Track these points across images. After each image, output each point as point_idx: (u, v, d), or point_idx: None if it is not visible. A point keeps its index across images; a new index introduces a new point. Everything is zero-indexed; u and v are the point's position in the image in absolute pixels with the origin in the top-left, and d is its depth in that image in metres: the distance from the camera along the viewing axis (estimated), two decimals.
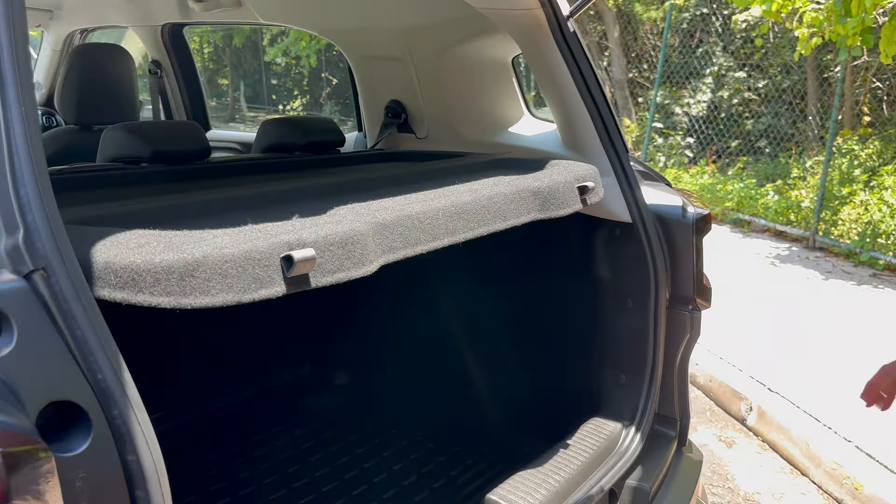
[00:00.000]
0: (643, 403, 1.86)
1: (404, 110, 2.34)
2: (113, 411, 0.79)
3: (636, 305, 1.86)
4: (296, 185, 1.44)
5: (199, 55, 17.39)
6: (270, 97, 18.34)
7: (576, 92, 1.83)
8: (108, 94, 2.63)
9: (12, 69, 0.81)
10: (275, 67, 16.83)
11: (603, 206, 1.86)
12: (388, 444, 2.20)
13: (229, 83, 18.59)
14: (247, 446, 2.17)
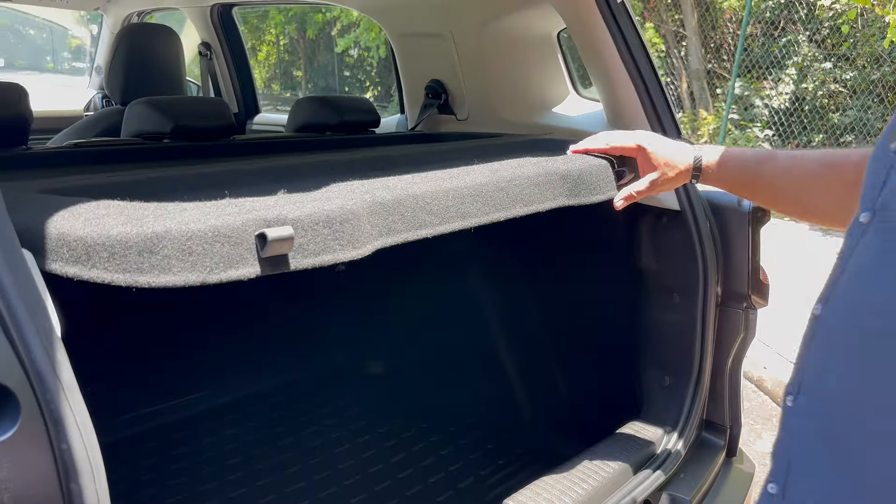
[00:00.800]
0: (688, 408, 1.70)
1: (445, 90, 2.23)
2: (45, 395, 0.71)
3: (683, 301, 1.71)
4: (301, 161, 1.35)
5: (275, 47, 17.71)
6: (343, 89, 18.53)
7: (622, 69, 1.68)
8: (153, 75, 2.62)
9: None
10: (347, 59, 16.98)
11: None
12: (418, 438, 2.11)
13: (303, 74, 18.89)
14: (271, 435, 2.12)
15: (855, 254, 0.79)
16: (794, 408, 0.84)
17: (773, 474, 0.88)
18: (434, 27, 2.13)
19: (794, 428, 0.85)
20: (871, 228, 0.78)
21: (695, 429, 1.69)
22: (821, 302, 0.83)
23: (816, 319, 0.83)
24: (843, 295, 0.81)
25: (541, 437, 2.06)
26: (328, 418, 2.23)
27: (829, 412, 0.81)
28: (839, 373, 0.79)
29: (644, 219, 1.77)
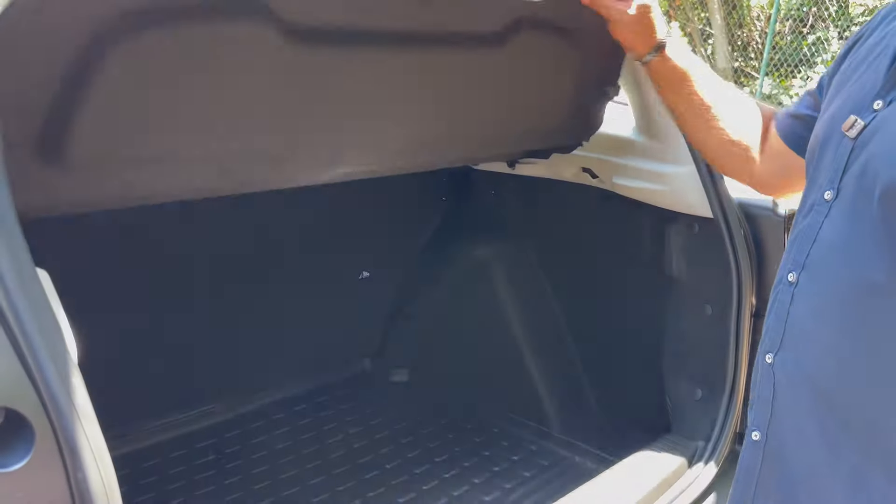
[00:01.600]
0: (721, 422, 1.66)
1: None
2: (61, 421, 0.69)
3: (716, 312, 1.66)
4: None
5: None
6: None
7: None
8: None
9: None
10: None
11: (679, 198, 1.66)
12: (442, 449, 2.07)
13: None
14: (296, 444, 2.10)
15: (824, 227, 0.91)
16: (776, 363, 0.97)
17: (754, 424, 1.00)
18: None
19: (778, 380, 0.96)
20: (835, 205, 0.90)
21: (728, 443, 1.64)
22: (795, 270, 0.94)
23: (793, 285, 0.95)
24: (819, 263, 0.92)
25: (569, 450, 2.01)
26: (352, 427, 2.21)
27: (812, 364, 0.92)
28: (821, 330, 0.91)
29: (674, 227, 1.72)
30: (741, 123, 1.27)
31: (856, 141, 0.88)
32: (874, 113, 0.87)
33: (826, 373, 0.90)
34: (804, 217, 0.96)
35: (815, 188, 0.95)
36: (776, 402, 0.97)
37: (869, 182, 0.84)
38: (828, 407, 0.90)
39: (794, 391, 0.94)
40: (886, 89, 0.88)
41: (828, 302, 0.90)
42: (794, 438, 0.94)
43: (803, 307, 0.94)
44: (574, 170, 1.93)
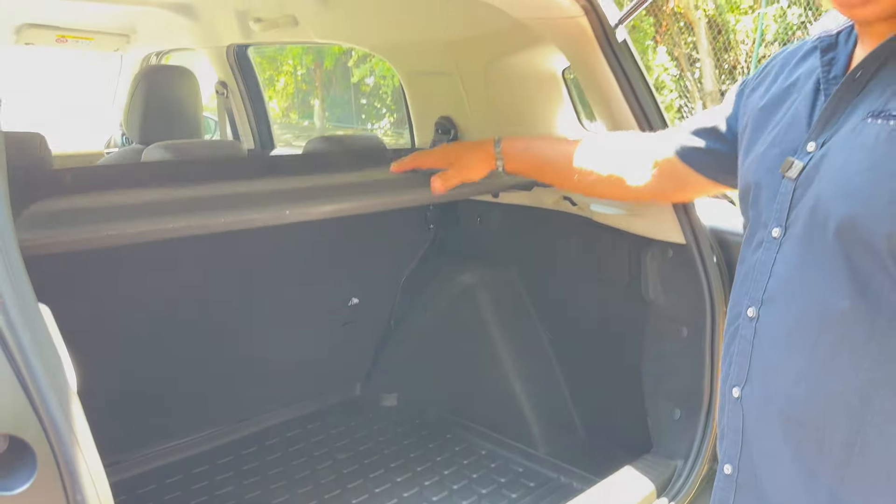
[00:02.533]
0: (699, 441, 1.71)
1: (454, 126, 2.26)
2: (61, 448, 0.75)
3: (692, 334, 1.72)
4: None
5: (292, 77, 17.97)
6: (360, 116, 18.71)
7: (624, 105, 1.70)
8: (171, 115, 2.69)
9: None
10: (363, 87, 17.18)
11: (653, 225, 1.73)
12: (431, 472, 2.12)
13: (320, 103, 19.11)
14: (287, 470, 2.14)
15: (777, 262, 0.96)
16: (744, 397, 1.00)
17: (725, 457, 1.04)
18: (442, 66, 2.18)
19: (747, 412, 1.00)
20: (786, 241, 0.95)
21: (706, 462, 1.69)
22: (754, 305, 0.99)
23: (754, 320, 0.99)
24: (779, 297, 0.96)
25: (555, 471, 2.06)
26: (341, 452, 2.25)
27: (781, 393, 0.94)
28: (789, 360, 0.94)
29: (650, 252, 1.79)
30: (613, 165, 1.46)
31: (797, 181, 0.93)
32: (809, 154, 0.93)
33: (797, 400, 0.93)
34: (753, 253, 1.01)
35: (760, 226, 1.00)
36: (746, 435, 1.00)
37: (821, 218, 0.89)
38: (801, 433, 0.92)
39: (765, 422, 0.97)
40: (817, 132, 0.93)
41: (793, 332, 0.93)
42: (769, 467, 0.97)
43: (768, 340, 0.97)
44: (555, 198, 2.00)
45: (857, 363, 0.87)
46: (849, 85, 0.92)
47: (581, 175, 1.49)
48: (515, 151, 1.61)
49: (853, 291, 0.86)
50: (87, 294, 1.76)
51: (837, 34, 0.99)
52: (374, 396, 2.58)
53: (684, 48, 11.59)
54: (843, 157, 0.88)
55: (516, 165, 1.62)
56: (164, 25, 3.16)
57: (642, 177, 1.43)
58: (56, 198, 1.23)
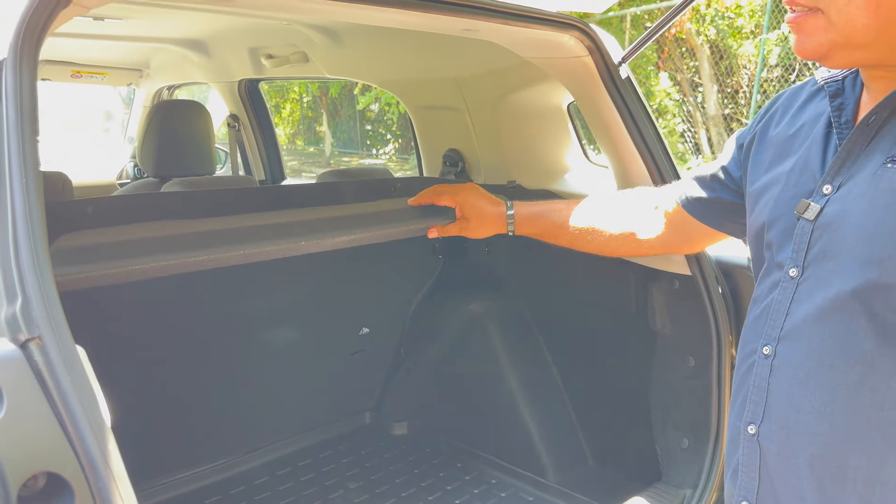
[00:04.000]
0: (707, 470, 1.73)
1: (461, 158, 2.32)
2: (98, 483, 0.78)
3: (699, 364, 1.75)
4: None
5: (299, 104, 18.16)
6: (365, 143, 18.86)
7: (628, 139, 1.76)
8: (184, 148, 2.75)
9: (17, 138, 0.84)
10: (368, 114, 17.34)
11: (659, 257, 1.77)
12: (441, 502, 2.13)
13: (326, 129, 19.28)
14: (299, 500, 2.16)
15: (795, 301, 0.97)
16: (761, 434, 1.01)
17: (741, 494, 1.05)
18: (450, 101, 2.24)
19: (765, 449, 1.01)
20: (803, 282, 0.97)
21: (715, 490, 1.71)
22: (770, 343, 1.00)
23: (770, 358, 1.00)
24: (798, 336, 0.97)
25: (565, 500, 2.07)
26: (353, 481, 2.27)
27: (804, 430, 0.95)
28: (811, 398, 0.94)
29: (657, 283, 1.82)
30: (624, 222, 1.52)
31: (815, 222, 0.95)
32: (825, 197, 0.95)
33: (819, 438, 0.93)
34: (768, 293, 1.02)
35: (774, 267, 1.02)
36: (765, 471, 1.01)
37: (843, 261, 0.90)
38: (824, 470, 0.93)
39: (787, 459, 0.98)
40: (832, 175, 0.96)
41: (813, 371, 0.94)
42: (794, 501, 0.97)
43: (786, 378, 0.98)
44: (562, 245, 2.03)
45: (879, 402, 0.88)
46: (862, 130, 0.94)
47: (593, 235, 1.56)
48: (528, 218, 1.67)
49: (875, 333, 0.88)
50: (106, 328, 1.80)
51: (843, 79, 1.02)
52: (385, 425, 2.61)
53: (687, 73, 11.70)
54: (866, 202, 0.89)
55: (528, 231, 1.68)
56: (177, 61, 3.25)
57: (652, 230, 1.48)
58: (80, 232, 1.27)
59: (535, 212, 1.67)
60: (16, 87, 0.85)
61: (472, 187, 1.74)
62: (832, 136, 0.99)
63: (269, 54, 2.73)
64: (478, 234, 1.72)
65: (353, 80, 4.13)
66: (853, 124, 0.97)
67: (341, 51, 2.43)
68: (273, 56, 2.72)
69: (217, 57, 3.08)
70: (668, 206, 1.44)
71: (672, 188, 1.45)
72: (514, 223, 1.66)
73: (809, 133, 1.04)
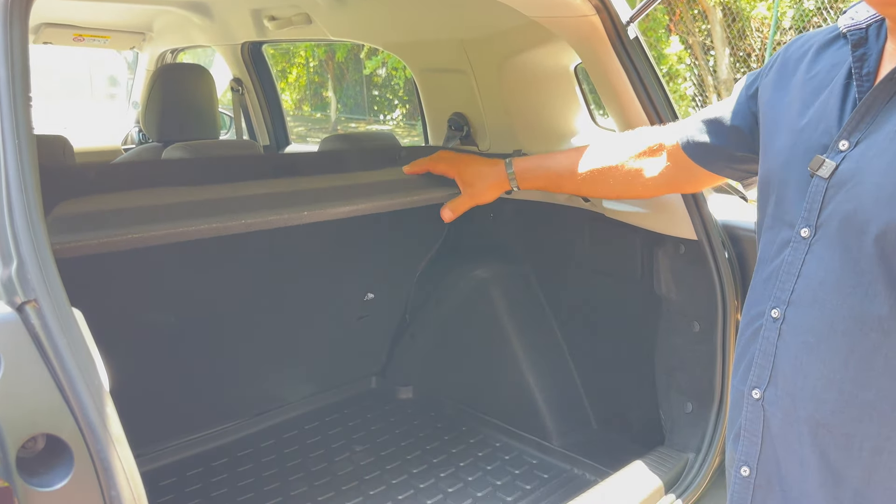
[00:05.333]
0: (711, 434, 1.73)
1: (467, 123, 2.29)
2: (96, 445, 0.78)
3: (704, 329, 1.74)
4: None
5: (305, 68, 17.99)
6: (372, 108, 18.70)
7: (636, 101, 1.72)
8: (188, 113, 2.73)
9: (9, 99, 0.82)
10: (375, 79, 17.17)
11: (664, 221, 1.75)
12: (446, 464, 2.15)
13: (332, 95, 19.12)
14: (305, 462, 2.18)
15: (807, 263, 0.93)
16: (766, 399, 0.99)
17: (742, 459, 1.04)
18: (455, 63, 2.20)
19: (770, 415, 0.99)
20: (816, 242, 0.93)
21: (718, 455, 1.72)
22: (779, 306, 0.97)
23: (779, 321, 0.97)
24: (809, 299, 0.94)
25: (569, 463, 2.09)
26: (358, 444, 2.29)
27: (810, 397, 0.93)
28: (819, 364, 0.92)
29: (662, 248, 1.80)
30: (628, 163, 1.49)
31: (829, 181, 0.91)
32: (842, 153, 0.90)
33: (826, 405, 0.91)
34: (778, 253, 0.98)
35: (784, 226, 0.98)
36: (768, 437, 0.99)
37: (859, 222, 0.86)
38: (829, 438, 0.91)
39: (791, 425, 0.96)
40: (849, 130, 0.91)
41: (825, 336, 0.91)
42: (795, 470, 0.96)
43: (795, 342, 0.95)
44: (567, 194, 2.02)
45: (892, 371, 0.85)
46: (885, 84, 0.89)
47: (598, 178, 1.53)
48: (528, 170, 1.66)
49: (893, 297, 0.84)
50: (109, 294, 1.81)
51: (867, 28, 0.96)
52: (390, 389, 2.62)
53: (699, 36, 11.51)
54: (886, 160, 0.85)
55: (531, 184, 1.67)
56: (180, 24, 3.20)
57: (656, 170, 1.45)
58: (81, 198, 1.26)
59: (535, 164, 1.67)
60: (6, 46, 0.83)
61: (467, 155, 1.75)
62: (851, 88, 0.94)
63: (272, 16, 2.69)
64: (486, 198, 1.71)
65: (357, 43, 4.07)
66: (875, 77, 0.92)
67: (344, 12, 2.39)
68: (276, 18, 2.67)
69: (219, 19, 3.04)
70: (671, 147, 1.41)
71: (676, 128, 1.41)
72: (515, 179, 1.65)
73: (827, 83, 0.98)
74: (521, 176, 1.65)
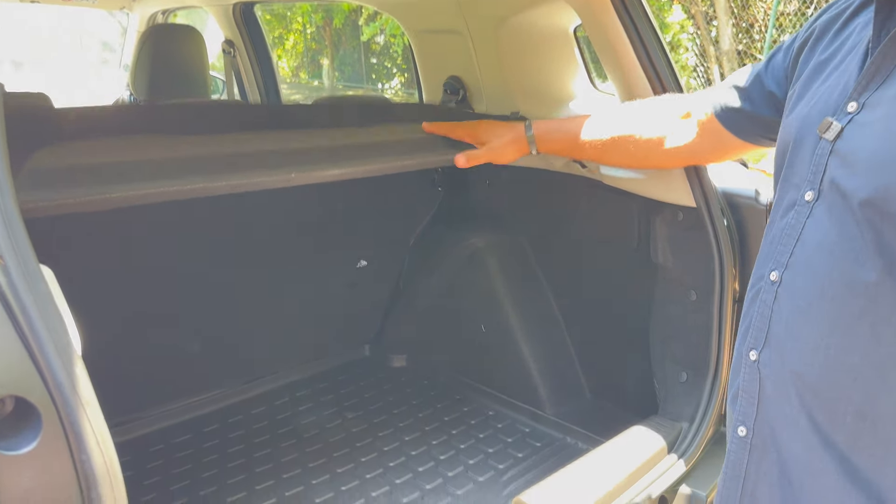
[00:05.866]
0: (705, 403, 1.71)
1: (463, 86, 2.23)
2: (66, 409, 0.75)
3: (700, 298, 1.71)
4: None
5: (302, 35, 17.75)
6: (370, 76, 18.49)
7: (637, 66, 1.67)
8: (177, 73, 2.66)
9: None
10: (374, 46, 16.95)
11: (663, 188, 1.71)
12: (438, 432, 2.14)
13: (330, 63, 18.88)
14: (297, 429, 2.17)
15: (808, 227, 0.93)
16: (761, 360, 0.99)
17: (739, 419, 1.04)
18: (451, 24, 2.14)
19: (764, 376, 0.99)
20: (817, 206, 0.92)
21: (712, 424, 1.70)
22: (778, 269, 0.97)
23: (776, 284, 0.97)
24: (805, 263, 0.93)
25: (561, 432, 2.08)
26: (351, 411, 2.27)
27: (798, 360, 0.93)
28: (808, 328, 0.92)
29: (660, 215, 1.77)
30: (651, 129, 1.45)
31: (834, 143, 0.90)
32: (848, 115, 0.89)
33: (813, 368, 0.92)
34: (783, 216, 0.98)
35: (792, 187, 0.97)
36: (763, 398, 1.00)
37: (853, 185, 0.86)
38: (815, 401, 0.92)
39: (781, 387, 0.96)
40: (858, 91, 0.89)
41: (815, 300, 0.91)
42: (786, 432, 0.96)
43: (788, 306, 0.95)
44: (564, 160, 1.97)
45: (877, 337, 0.85)
46: (893, 42, 0.87)
47: (619, 145, 1.49)
48: (548, 132, 1.62)
49: (881, 264, 0.84)
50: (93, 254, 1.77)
51: None
52: (383, 357, 2.60)
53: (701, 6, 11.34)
54: (884, 124, 0.84)
55: (550, 146, 1.64)
56: None
57: (681, 139, 1.41)
58: (57, 148, 1.21)
59: (556, 127, 1.64)
60: None
61: (486, 120, 1.72)
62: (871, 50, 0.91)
63: None
64: (503, 156, 1.67)
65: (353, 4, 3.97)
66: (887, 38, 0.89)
67: None
68: None
69: None
70: (701, 115, 1.36)
71: (706, 95, 1.37)
72: (534, 141, 1.62)
73: (854, 46, 0.96)
74: (541, 138, 1.62)
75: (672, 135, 1.43)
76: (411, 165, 1.68)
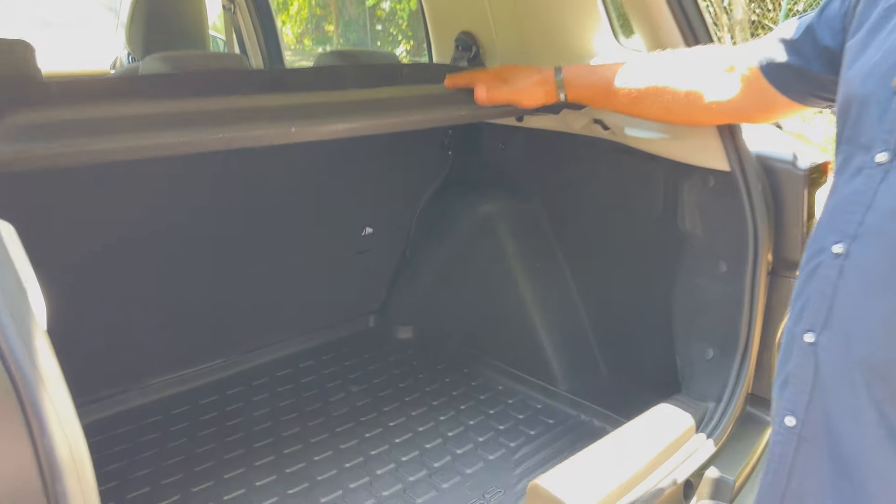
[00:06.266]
0: (733, 382, 1.61)
1: (475, 42, 2.10)
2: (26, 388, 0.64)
3: (731, 269, 1.59)
4: None
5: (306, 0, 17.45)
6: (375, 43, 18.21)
7: (669, 15, 1.54)
8: (175, 30, 2.54)
9: None
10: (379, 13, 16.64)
11: (694, 150, 1.59)
12: (446, 407, 2.04)
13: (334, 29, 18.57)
14: (299, 402, 2.07)
15: (881, 192, 0.82)
16: (820, 343, 0.88)
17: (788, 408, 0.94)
18: None
19: (822, 360, 0.89)
20: (894, 169, 0.81)
21: (740, 404, 1.60)
22: (843, 240, 0.86)
23: (841, 257, 0.86)
24: (878, 233, 0.82)
25: (576, 409, 1.98)
26: (355, 384, 2.18)
27: (867, 343, 0.83)
28: (880, 305, 0.82)
29: (689, 180, 1.65)
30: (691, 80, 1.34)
31: None
32: None
33: (883, 351, 0.82)
34: (848, 181, 0.87)
35: (859, 149, 0.86)
36: (819, 386, 0.90)
37: None
38: (884, 389, 0.83)
39: (844, 374, 0.87)
40: None
41: (889, 274, 0.82)
42: (848, 425, 0.87)
43: (857, 281, 0.85)
44: (585, 121, 1.85)
45: None
46: None
47: (654, 96, 1.37)
48: (579, 76, 1.49)
49: None
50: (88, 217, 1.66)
51: None
52: (389, 329, 2.50)
53: None
54: None
55: (580, 92, 1.50)
56: None
57: (722, 94, 1.30)
58: (38, 109, 1.10)
59: (587, 71, 1.51)
60: None
61: (512, 65, 1.60)
62: None
63: None
64: (529, 98, 1.52)
65: None
66: None
67: None
68: None
69: None
70: (745, 69, 1.25)
71: (751, 48, 1.25)
72: (563, 86, 1.49)
73: None
74: (570, 83, 1.49)
75: (713, 89, 1.31)
76: (422, 122, 1.55)
